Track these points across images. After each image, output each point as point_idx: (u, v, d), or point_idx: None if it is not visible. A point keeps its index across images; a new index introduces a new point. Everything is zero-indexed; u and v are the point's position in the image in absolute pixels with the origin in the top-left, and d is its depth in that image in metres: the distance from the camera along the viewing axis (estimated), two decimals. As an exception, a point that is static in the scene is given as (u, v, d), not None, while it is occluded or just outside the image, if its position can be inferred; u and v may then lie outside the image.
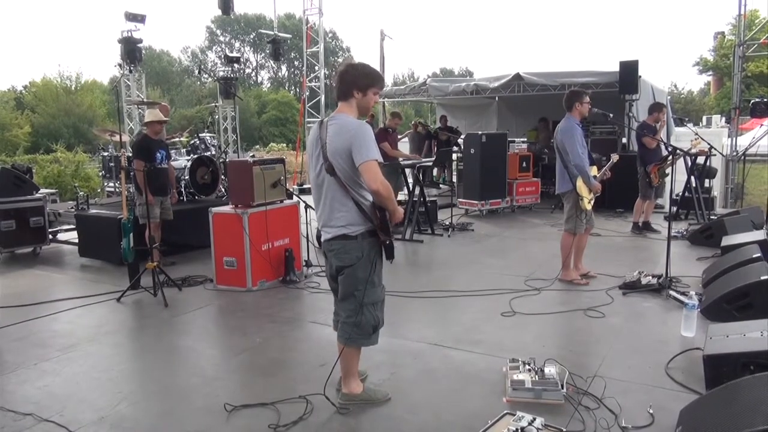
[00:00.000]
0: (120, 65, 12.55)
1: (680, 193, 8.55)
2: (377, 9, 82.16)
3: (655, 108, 7.72)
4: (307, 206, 6.27)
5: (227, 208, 5.70)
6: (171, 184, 6.67)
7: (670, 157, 7.32)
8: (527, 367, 3.29)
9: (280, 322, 4.67)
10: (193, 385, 3.52)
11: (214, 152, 9.10)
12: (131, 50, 12.29)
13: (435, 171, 13.97)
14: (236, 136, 14.65)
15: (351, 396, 3.15)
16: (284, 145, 33.40)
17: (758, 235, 5.80)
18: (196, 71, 49.37)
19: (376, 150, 2.85)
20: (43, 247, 7.52)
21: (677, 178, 5.83)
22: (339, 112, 2.99)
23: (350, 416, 3.01)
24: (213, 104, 14.11)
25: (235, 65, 14.72)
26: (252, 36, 53.38)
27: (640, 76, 9.81)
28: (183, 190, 7.85)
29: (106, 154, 9.93)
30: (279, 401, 3.17)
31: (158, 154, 6.33)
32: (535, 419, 2.68)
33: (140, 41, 12.45)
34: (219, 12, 14.20)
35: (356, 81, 2.94)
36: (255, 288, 5.55)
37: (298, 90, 43.45)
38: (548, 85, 10.81)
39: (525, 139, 12.58)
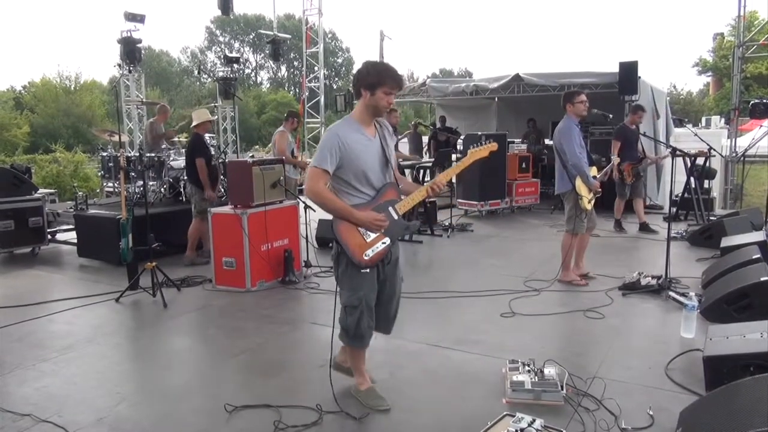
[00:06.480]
0: (119, 65, 12.54)
1: (680, 194, 8.56)
2: (377, 9, 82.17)
3: (631, 109, 7.99)
4: (306, 207, 6.28)
5: (226, 209, 5.70)
6: None
7: (645, 160, 7.75)
8: (527, 368, 3.29)
9: (280, 323, 4.66)
10: (193, 385, 3.52)
11: (213, 152, 9.08)
12: (131, 50, 12.28)
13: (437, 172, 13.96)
14: (236, 137, 14.66)
15: (354, 389, 3.27)
16: (284, 145, 33.30)
17: (758, 236, 5.80)
18: (196, 71, 49.41)
19: (319, 157, 2.86)
20: (41, 247, 7.50)
21: (677, 178, 5.83)
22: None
23: (349, 417, 3.01)
24: (212, 104, 14.08)
25: (235, 65, 14.73)
26: (251, 36, 53.38)
27: (639, 77, 9.80)
28: (182, 189, 7.85)
29: (105, 154, 9.88)
30: (282, 406, 3.16)
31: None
32: (534, 420, 2.67)
33: (140, 41, 12.44)
34: (218, 12, 14.21)
35: (364, 79, 2.90)
36: (254, 288, 5.54)
37: (297, 90, 43.45)
38: (548, 86, 10.80)
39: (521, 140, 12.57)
